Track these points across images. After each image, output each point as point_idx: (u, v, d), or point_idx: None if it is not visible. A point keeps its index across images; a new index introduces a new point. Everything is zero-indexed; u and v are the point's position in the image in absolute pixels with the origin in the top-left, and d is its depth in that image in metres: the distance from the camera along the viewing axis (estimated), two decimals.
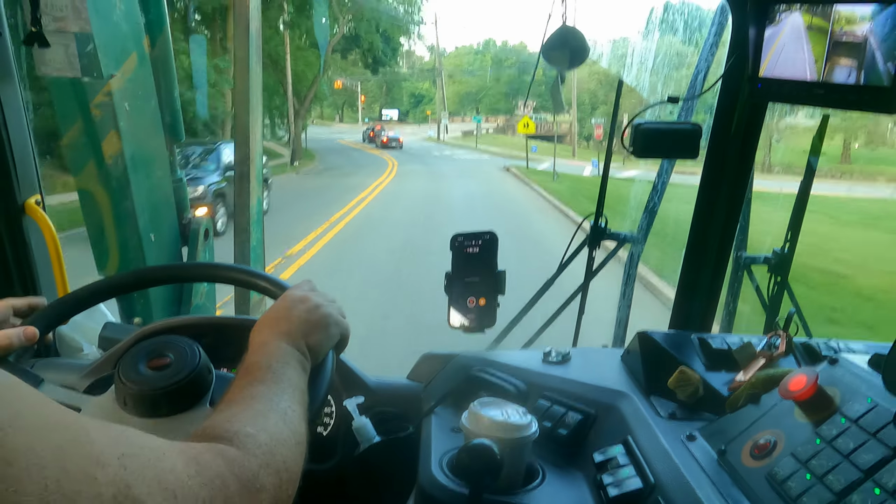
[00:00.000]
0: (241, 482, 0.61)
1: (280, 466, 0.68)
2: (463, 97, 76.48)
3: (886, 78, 1.03)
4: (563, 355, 1.42)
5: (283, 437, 0.72)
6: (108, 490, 0.46)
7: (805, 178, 1.67)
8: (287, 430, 0.74)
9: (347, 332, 1.03)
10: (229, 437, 0.66)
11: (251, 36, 2.34)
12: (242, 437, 0.67)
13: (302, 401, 0.83)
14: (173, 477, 0.54)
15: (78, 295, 1.16)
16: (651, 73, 2.51)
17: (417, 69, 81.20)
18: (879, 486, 0.72)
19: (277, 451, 0.69)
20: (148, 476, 0.51)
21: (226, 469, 0.61)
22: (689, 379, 1.16)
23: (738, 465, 0.91)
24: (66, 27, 1.62)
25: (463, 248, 1.43)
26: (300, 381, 0.86)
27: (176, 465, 0.55)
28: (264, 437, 0.69)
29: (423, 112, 77.13)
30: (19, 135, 1.57)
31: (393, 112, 76.38)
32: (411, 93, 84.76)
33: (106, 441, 0.50)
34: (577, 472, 1.14)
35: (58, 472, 0.43)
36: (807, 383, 0.87)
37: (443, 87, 57.18)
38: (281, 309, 0.97)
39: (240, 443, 0.66)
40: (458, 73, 78.51)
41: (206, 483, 0.57)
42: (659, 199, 2.01)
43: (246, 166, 2.52)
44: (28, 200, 1.62)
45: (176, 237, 2.18)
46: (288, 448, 0.72)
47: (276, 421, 0.74)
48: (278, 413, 0.76)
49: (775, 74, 1.24)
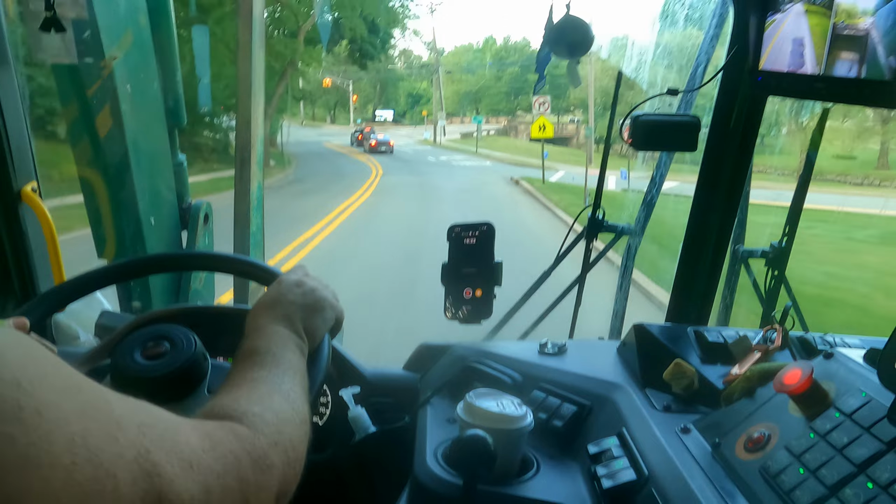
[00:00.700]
0: (253, 459, 0.63)
1: (287, 445, 0.69)
2: (462, 97, 71.51)
3: (888, 72, 1.03)
4: (560, 347, 1.43)
5: (288, 416, 0.73)
6: (128, 452, 0.48)
7: (804, 172, 1.67)
8: (291, 409, 0.75)
9: (342, 316, 1.04)
10: (238, 416, 0.67)
11: (254, 21, 2.32)
12: (251, 416, 0.68)
13: (302, 383, 0.83)
14: (189, 449, 0.55)
15: (61, 288, 1.15)
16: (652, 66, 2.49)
17: (416, 68, 77.28)
18: (872, 480, 0.72)
19: (284, 429, 0.71)
20: (166, 445, 0.52)
21: (238, 446, 0.62)
22: (685, 372, 1.16)
23: (731, 458, 0.91)
24: (63, 13, 1.60)
25: (460, 238, 1.43)
26: (300, 364, 0.87)
27: (190, 438, 0.57)
28: (271, 417, 0.70)
29: (419, 113, 72.60)
30: (15, 122, 1.57)
31: (387, 113, 72.63)
32: (408, 93, 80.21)
33: (125, 408, 0.51)
34: (572, 464, 1.14)
35: (82, 429, 0.45)
36: (802, 377, 0.87)
37: (440, 86, 51.41)
38: (277, 293, 0.97)
39: (249, 422, 0.67)
40: (458, 70, 73.49)
41: (219, 458, 0.58)
42: (657, 192, 2.01)
43: (247, 152, 2.51)
44: (24, 188, 1.61)
45: (176, 222, 2.18)
46: (293, 427, 0.73)
47: (280, 401, 0.75)
48: (281, 394, 0.76)
49: (776, 67, 1.23)
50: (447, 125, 50.80)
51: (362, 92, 76.22)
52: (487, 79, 68.87)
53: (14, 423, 0.40)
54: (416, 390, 1.45)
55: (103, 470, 0.45)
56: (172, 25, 2.07)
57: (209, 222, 2.27)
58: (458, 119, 68.05)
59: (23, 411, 0.41)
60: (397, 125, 71.33)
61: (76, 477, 0.43)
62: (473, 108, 67.33)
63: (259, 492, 0.63)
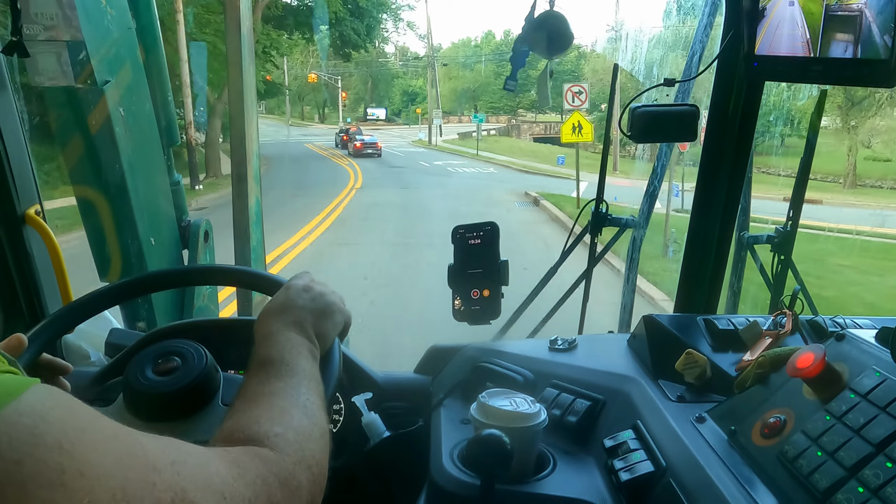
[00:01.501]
0: (281, 481, 0.63)
1: (311, 462, 0.70)
2: (459, 94, 65.27)
3: (883, 51, 1.02)
4: (570, 343, 1.43)
5: (308, 431, 0.73)
6: (166, 495, 0.48)
7: (805, 156, 1.67)
8: (310, 423, 0.75)
9: (350, 320, 1.03)
10: (260, 438, 0.67)
11: (243, 36, 2.33)
12: (273, 437, 0.68)
13: (318, 391, 0.83)
14: (220, 480, 0.56)
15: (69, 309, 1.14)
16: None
17: (411, 64, 72.71)
18: (891, 459, 0.72)
19: (306, 447, 0.71)
20: (199, 480, 0.53)
21: (265, 470, 0.62)
22: (697, 361, 1.16)
23: (748, 444, 0.91)
24: (57, 36, 1.61)
25: (465, 240, 1.43)
26: (314, 371, 0.86)
27: (220, 468, 0.57)
28: (293, 436, 0.70)
29: (415, 112, 64.72)
30: (16, 145, 1.57)
31: (380, 111, 67.49)
32: (403, 90, 74.18)
33: (158, 449, 0.52)
34: (588, 459, 1.14)
35: (122, 481, 0.45)
36: (814, 360, 0.87)
37: (436, 82, 45.93)
38: (285, 298, 0.96)
39: (272, 444, 0.67)
40: (455, 66, 66.92)
41: (249, 484, 0.59)
42: (659, 183, 2.01)
43: (243, 168, 2.52)
44: (28, 211, 1.62)
45: (176, 240, 2.18)
46: (315, 442, 0.73)
47: (299, 417, 0.75)
48: (300, 408, 0.76)
49: (771, 52, 1.23)
50: (444, 124, 46.15)
51: (353, 89, 71.44)
52: (486, 75, 63.31)
53: (58, 489, 0.41)
54: (429, 393, 1.45)
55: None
56: (161, 46, 2.07)
57: (209, 239, 2.27)
58: (456, 118, 64.50)
59: (65, 475, 0.42)
60: (390, 125, 66.45)
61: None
62: (471, 106, 62.20)
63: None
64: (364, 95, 72.88)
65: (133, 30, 1.90)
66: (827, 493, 0.75)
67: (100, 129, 1.80)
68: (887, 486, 0.70)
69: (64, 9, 1.57)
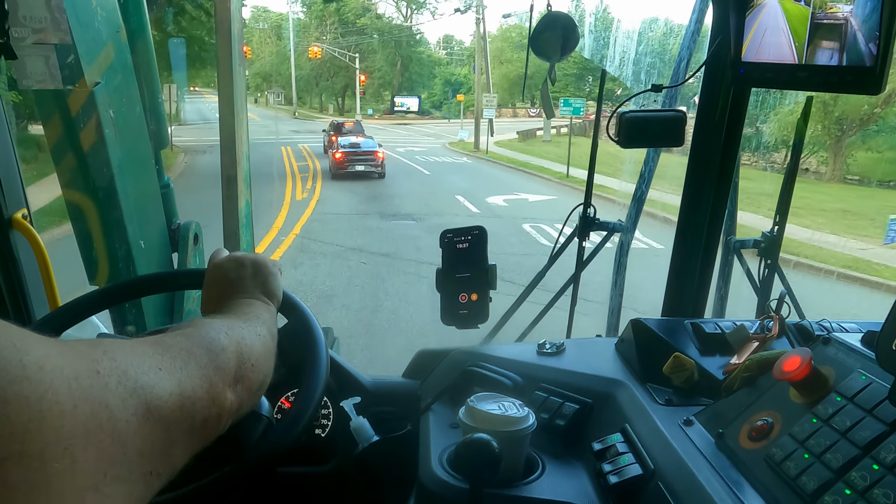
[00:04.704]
0: (203, 346, 0.67)
1: (237, 337, 0.74)
2: (513, 82, 47.63)
3: (868, 58, 1.04)
4: (558, 346, 1.43)
5: (241, 329, 0.77)
6: (111, 379, 0.50)
7: (791, 161, 1.69)
8: (245, 326, 0.79)
9: (281, 269, 1.03)
10: (186, 324, 0.72)
11: (233, 37, 2.32)
12: (199, 322, 0.73)
13: (272, 334, 0.86)
14: (151, 356, 0.59)
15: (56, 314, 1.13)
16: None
17: (456, 56, 60.42)
18: (877, 461, 0.73)
19: (234, 327, 0.76)
20: (134, 360, 0.55)
21: (188, 343, 0.66)
22: (684, 364, 1.16)
23: (736, 447, 0.92)
24: (46, 39, 1.60)
25: (453, 244, 1.43)
26: (272, 324, 0.88)
27: (145, 348, 0.60)
28: (220, 322, 0.76)
29: (456, 101, 46.77)
30: (3, 149, 1.56)
31: (411, 101, 50.88)
32: (446, 79, 58.99)
33: (88, 344, 0.53)
34: (577, 462, 1.14)
35: (73, 371, 0.46)
36: (801, 364, 0.88)
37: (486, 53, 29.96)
38: (218, 276, 0.96)
39: (196, 324, 0.72)
40: (508, 48, 49.78)
41: (176, 356, 0.62)
42: (646, 188, 2.02)
43: (233, 170, 2.50)
44: (15, 215, 1.60)
45: (166, 243, 2.17)
46: (247, 333, 0.77)
47: (237, 322, 0.79)
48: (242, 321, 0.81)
49: (758, 59, 1.24)
50: (495, 118, 30.87)
51: (377, 71, 55.04)
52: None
53: (24, 382, 0.41)
54: (417, 397, 1.45)
55: (97, 403, 0.47)
56: (151, 48, 2.06)
57: (199, 242, 2.26)
58: (509, 110, 51.38)
59: (27, 369, 0.42)
60: (424, 118, 52.60)
61: (79, 418, 0.44)
62: (529, 95, 44.12)
63: (218, 373, 0.66)
64: (391, 80, 56.57)
65: (123, 32, 1.89)
66: (814, 495, 0.76)
67: (89, 131, 1.79)
68: (874, 488, 0.71)
69: (53, 11, 1.56)
